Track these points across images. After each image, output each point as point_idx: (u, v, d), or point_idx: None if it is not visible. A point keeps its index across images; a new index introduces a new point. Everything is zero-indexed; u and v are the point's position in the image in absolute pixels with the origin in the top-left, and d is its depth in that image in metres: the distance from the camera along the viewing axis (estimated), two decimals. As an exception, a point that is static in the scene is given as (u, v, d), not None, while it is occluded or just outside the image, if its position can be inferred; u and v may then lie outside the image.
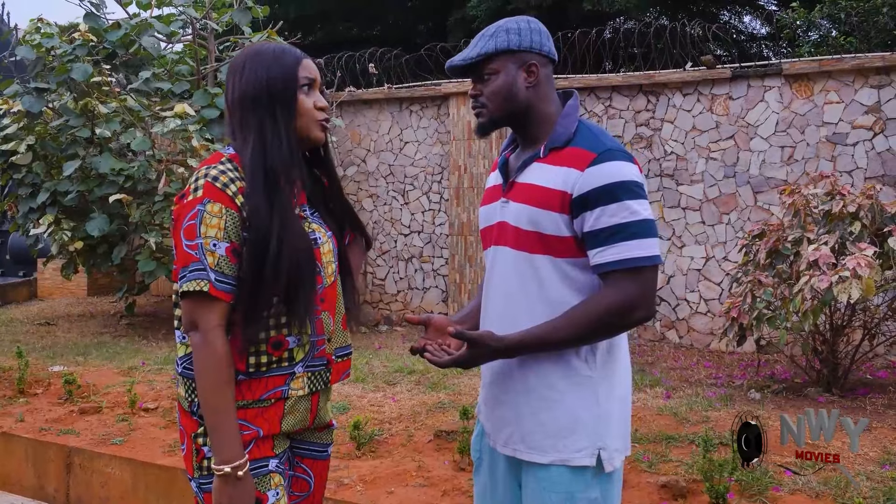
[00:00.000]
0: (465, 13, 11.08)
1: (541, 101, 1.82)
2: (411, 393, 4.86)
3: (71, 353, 6.24)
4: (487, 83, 1.81)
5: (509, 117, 1.83)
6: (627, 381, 1.84)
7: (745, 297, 4.58)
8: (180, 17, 7.55)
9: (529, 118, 1.82)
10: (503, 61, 1.79)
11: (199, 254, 1.68)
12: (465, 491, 3.42)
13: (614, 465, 1.75)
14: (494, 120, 1.83)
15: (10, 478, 4.44)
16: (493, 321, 1.83)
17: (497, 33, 1.80)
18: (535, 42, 1.80)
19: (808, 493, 3.18)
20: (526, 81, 1.80)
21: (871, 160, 5.93)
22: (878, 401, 4.53)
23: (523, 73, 1.80)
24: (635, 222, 1.68)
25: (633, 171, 1.72)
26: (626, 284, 1.69)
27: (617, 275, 1.69)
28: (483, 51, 1.79)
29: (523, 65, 1.79)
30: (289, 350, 1.78)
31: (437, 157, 7.75)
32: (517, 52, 1.79)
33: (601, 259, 1.70)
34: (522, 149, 1.87)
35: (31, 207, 7.17)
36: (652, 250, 1.70)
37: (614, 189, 1.68)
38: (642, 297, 1.70)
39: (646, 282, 1.70)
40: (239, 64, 1.81)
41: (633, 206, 1.69)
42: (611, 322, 1.70)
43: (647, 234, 1.70)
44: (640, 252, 1.68)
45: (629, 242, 1.68)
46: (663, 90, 6.69)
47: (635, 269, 1.69)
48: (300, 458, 1.93)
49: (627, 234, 1.68)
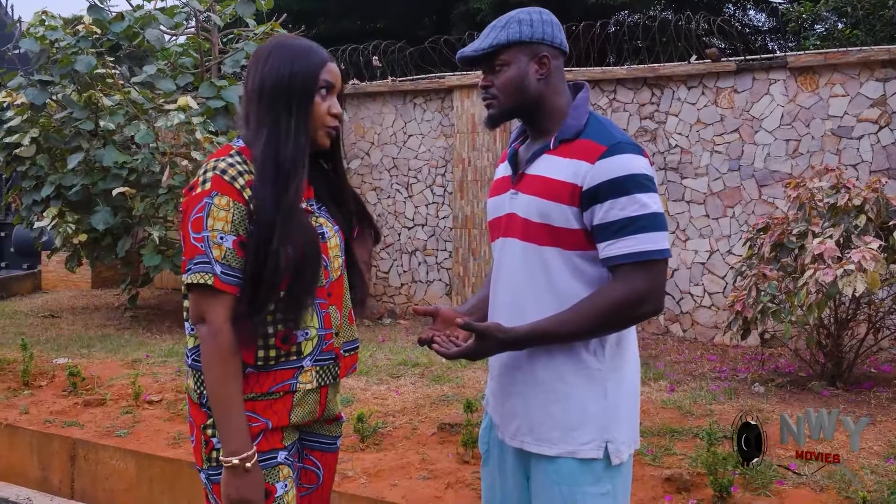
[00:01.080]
0: (469, 6, 11.04)
1: (552, 93, 1.81)
2: (415, 386, 4.86)
3: (75, 346, 6.25)
4: (498, 74, 1.79)
5: (520, 109, 1.82)
6: (636, 374, 1.85)
7: (750, 290, 4.58)
8: (184, 8, 7.54)
9: (540, 110, 1.81)
10: (515, 52, 1.77)
11: (205, 246, 1.69)
12: (468, 484, 3.43)
13: (621, 457, 1.76)
14: (504, 111, 1.82)
15: (15, 470, 4.46)
16: (501, 313, 1.83)
17: (509, 24, 1.78)
18: (546, 34, 1.79)
19: (813, 487, 3.18)
20: (537, 73, 1.78)
21: (877, 153, 5.91)
22: (883, 395, 4.52)
23: (535, 65, 1.78)
24: (645, 215, 1.68)
25: (643, 164, 1.71)
26: (635, 277, 1.68)
27: (626, 268, 1.69)
28: (495, 42, 1.77)
29: (535, 56, 1.78)
30: (297, 344, 1.78)
31: (441, 150, 7.75)
32: (529, 44, 1.77)
33: (610, 252, 1.70)
34: (532, 140, 1.86)
35: (35, 200, 7.17)
36: (661, 244, 1.70)
37: (624, 182, 1.67)
38: (651, 290, 1.69)
39: (655, 275, 1.70)
40: (265, 52, 1.80)
41: (642, 200, 1.68)
42: (619, 315, 1.70)
43: (657, 227, 1.69)
44: (649, 245, 1.68)
45: (638, 236, 1.67)
46: (668, 83, 6.67)
47: (644, 263, 1.68)
48: (309, 450, 1.94)
49: (637, 227, 1.67)
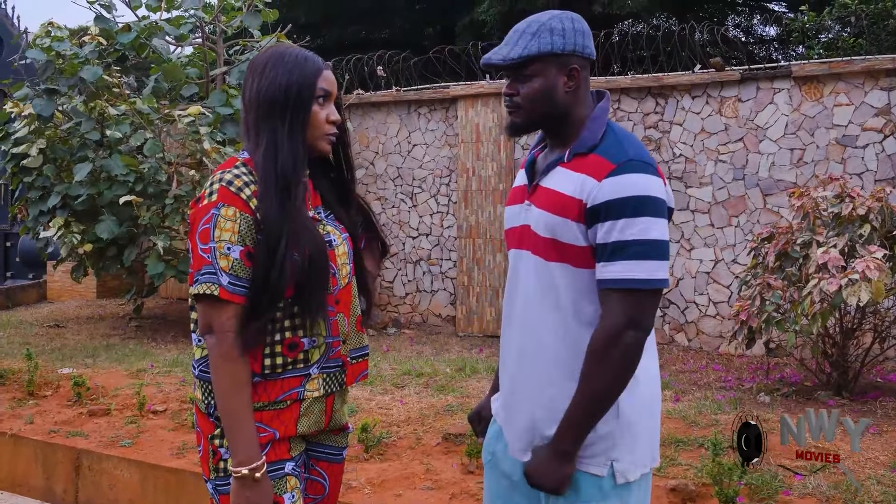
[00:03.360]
0: (474, 17, 11.08)
1: (576, 105, 1.73)
2: (419, 396, 4.86)
3: (80, 356, 6.26)
4: (525, 84, 1.71)
5: (544, 121, 1.75)
6: (654, 392, 1.76)
7: (755, 299, 4.57)
8: (190, 20, 7.58)
9: (563, 121, 1.74)
10: (545, 64, 1.69)
11: (212, 257, 1.70)
12: (473, 494, 3.42)
13: (627, 477, 1.68)
14: (529, 123, 1.75)
15: (20, 480, 4.46)
16: (513, 327, 1.80)
17: (540, 33, 1.69)
18: (578, 44, 1.70)
19: (819, 497, 3.17)
20: (566, 86, 1.71)
21: (881, 162, 5.91)
22: (889, 404, 4.51)
23: (564, 77, 1.70)
24: (641, 241, 1.60)
25: (651, 184, 1.63)
26: (614, 307, 1.61)
27: (610, 294, 1.62)
28: (525, 52, 1.68)
29: (565, 68, 1.70)
30: (304, 352, 1.79)
31: (446, 160, 7.76)
32: (560, 56, 1.69)
33: (600, 275, 1.64)
34: (551, 149, 1.80)
35: (42, 210, 7.19)
36: (652, 273, 1.61)
37: (627, 203, 1.60)
38: (629, 320, 1.61)
39: (637, 305, 1.61)
40: (261, 63, 1.80)
41: (642, 224, 1.60)
42: (610, 356, 1.61)
43: (652, 255, 1.60)
44: (638, 274, 1.60)
45: (628, 262, 1.60)
46: (672, 92, 6.68)
47: (628, 292, 1.60)
48: (315, 460, 1.94)
49: (630, 252, 1.60)
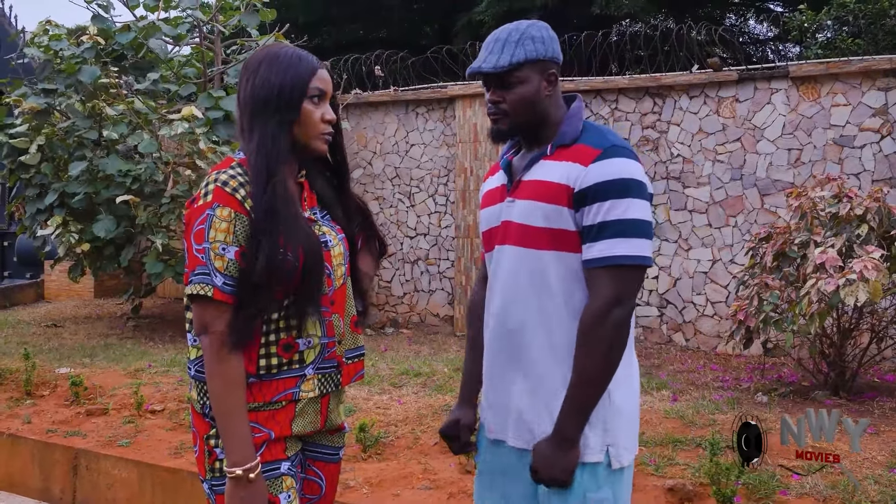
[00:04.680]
0: (472, 17, 11.07)
1: (553, 107, 1.83)
2: (417, 395, 4.86)
3: (77, 355, 6.25)
4: (511, 90, 1.78)
5: (528, 124, 1.82)
6: (636, 379, 1.84)
7: (752, 299, 4.58)
8: (187, 19, 7.57)
9: (542, 123, 1.82)
10: (530, 70, 1.77)
11: (207, 258, 1.69)
12: (470, 493, 3.41)
13: (622, 462, 1.75)
14: (514, 127, 1.82)
15: (17, 479, 4.45)
16: (498, 320, 1.83)
17: (523, 41, 1.77)
18: (555, 51, 1.81)
19: (816, 497, 3.17)
20: (546, 90, 1.80)
21: (879, 163, 5.91)
22: (886, 404, 4.51)
23: (544, 82, 1.79)
24: (626, 220, 1.67)
25: (635, 169, 1.71)
26: (602, 284, 1.67)
27: (597, 273, 1.69)
28: (514, 60, 1.76)
29: (545, 73, 1.79)
30: (299, 352, 1.78)
31: (443, 160, 7.76)
32: (541, 62, 1.79)
33: (586, 255, 1.70)
34: (527, 150, 1.87)
35: (39, 209, 7.18)
36: (637, 250, 1.67)
37: (613, 185, 1.68)
38: (616, 297, 1.66)
39: (623, 281, 1.67)
40: (255, 63, 1.80)
41: (626, 204, 1.67)
42: (599, 334, 1.67)
43: (636, 233, 1.68)
44: (623, 251, 1.66)
45: (613, 240, 1.67)
46: (669, 93, 6.68)
47: (614, 268, 1.67)
48: (312, 460, 1.94)
49: (614, 230, 1.67)
